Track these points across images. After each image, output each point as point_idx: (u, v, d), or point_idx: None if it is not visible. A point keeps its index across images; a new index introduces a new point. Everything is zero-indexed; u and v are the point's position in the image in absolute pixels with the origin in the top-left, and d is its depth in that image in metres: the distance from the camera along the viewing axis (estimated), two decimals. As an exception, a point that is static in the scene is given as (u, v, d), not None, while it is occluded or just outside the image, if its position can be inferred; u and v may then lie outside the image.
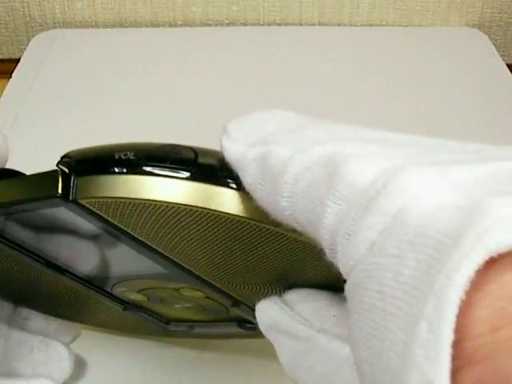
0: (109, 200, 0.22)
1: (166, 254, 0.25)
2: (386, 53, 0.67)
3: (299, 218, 0.19)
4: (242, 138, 0.22)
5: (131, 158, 0.22)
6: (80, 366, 0.37)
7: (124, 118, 0.58)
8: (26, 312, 0.35)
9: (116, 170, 0.22)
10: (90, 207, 0.23)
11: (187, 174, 0.22)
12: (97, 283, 0.31)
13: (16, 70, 0.64)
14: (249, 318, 0.30)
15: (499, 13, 0.72)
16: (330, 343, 0.22)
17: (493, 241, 0.14)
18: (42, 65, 0.65)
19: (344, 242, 0.18)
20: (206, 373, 0.38)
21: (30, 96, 0.60)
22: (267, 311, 0.25)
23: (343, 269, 0.18)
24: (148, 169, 0.22)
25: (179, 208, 0.22)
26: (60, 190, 0.23)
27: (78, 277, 0.30)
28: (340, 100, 0.60)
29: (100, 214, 0.23)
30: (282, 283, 0.26)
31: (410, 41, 0.70)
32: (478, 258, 0.14)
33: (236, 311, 0.30)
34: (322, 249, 0.19)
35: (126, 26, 0.72)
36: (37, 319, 0.36)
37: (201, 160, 0.22)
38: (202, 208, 0.22)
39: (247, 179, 0.21)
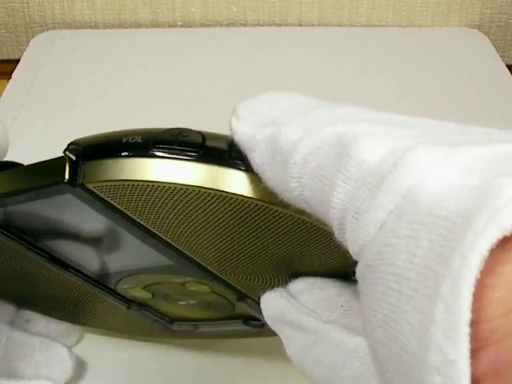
0: (116, 184, 0.22)
1: (172, 243, 0.25)
2: (385, 53, 0.67)
3: (308, 199, 0.19)
4: (251, 118, 0.22)
5: (139, 141, 0.22)
6: (81, 366, 0.37)
7: (124, 118, 0.58)
8: (28, 314, 0.36)
9: (123, 153, 0.22)
10: (97, 192, 0.23)
11: (195, 156, 0.22)
12: (101, 280, 0.31)
13: (16, 71, 0.64)
14: (254, 313, 0.30)
15: (499, 13, 0.72)
16: (338, 335, 0.22)
17: (506, 220, 0.14)
18: (42, 65, 0.65)
19: (353, 222, 0.18)
20: (207, 373, 0.38)
21: (29, 97, 0.60)
22: (272, 303, 0.25)
23: (352, 249, 0.18)
24: (155, 151, 0.22)
25: (187, 190, 0.22)
26: (67, 176, 0.23)
27: (82, 273, 0.30)
28: (340, 100, 0.60)
29: (107, 199, 0.23)
30: (289, 272, 0.26)
31: (410, 41, 0.70)
32: (491, 237, 0.14)
33: (241, 306, 0.30)
34: (330, 230, 0.19)
35: (126, 27, 0.72)
36: (39, 321, 0.36)
37: (208, 142, 0.22)
38: (209, 189, 0.22)
39: (256, 160, 0.21)
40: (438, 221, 0.15)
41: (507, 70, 0.65)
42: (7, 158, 0.27)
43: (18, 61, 0.66)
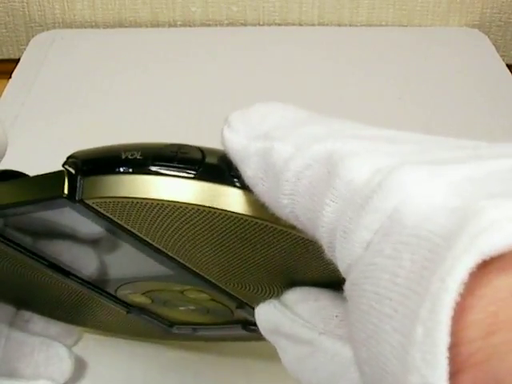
0: (115, 200, 0.22)
1: (171, 254, 0.25)
2: (385, 53, 0.67)
3: (300, 216, 0.20)
4: (243, 129, 0.22)
5: (138, 157, 0.22)
6: (80, 366, 0.37)
7: (123, 117, 0.58)
8: (27, 315, 0.36)
9: (122, 169, 0.22)
10: (96, 207, 0.23)
11: (194, 174, 0.22)
12: (101, 286, 0.31)
13: (16, 71, 0.64)
14: (254, 319, 0.31)
15: (499, 13, 0.72)
16: (334, 345, 0.22)
17: (485, 243, 0.14)
18: (42, 65, 0.65)
19: (341, 241, 0.18)
20: (207, 373, 0.38)
21: (29, 96, 0.60)
22: (266, 315, 0.25)
23: (341, 267, 0.18)
24: (155, 168, 0.22)
25: (186, 208, 0.22)
26: (66, 191, 0.23)
27: (82, 279, 0.30)
28: (340, 100, 0.60)
29: (106, 214, 0.23)
30: (287, 283, 0.26)
31: (410, 41, 0.70)
32: (470, 261, 0.14)
33: (241, 313, 0.30)
34: (321, 247, 0.19)
35: (126, 27, 0.72)
36: (38, 322, 0.36)
37: (208, 160, 0.22)
38: (208, 207, 0.22)
39: (248, 172, 0.21)
40: (420, 242, 0.15)
41: (507, 70, 0.65)
42: (7, 158, 0.27)
43: (18, 60, 0.66)
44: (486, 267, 0.14)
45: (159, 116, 0.58)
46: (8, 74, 0.64)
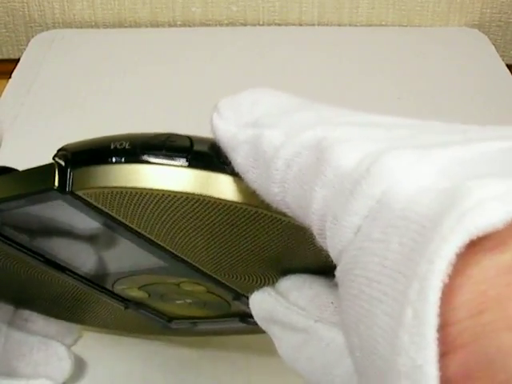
0: (105, 190, 0.22)
1: (164, 245, 0.25)
2: (385, 53, 0.67)
3: (290, 203, 0.20)
4: (232, 116, 0.22)
5: (127, 147, 0.22)
6: (80, 365, 0.37)
7: (123, 117, 0.58)
8: (26, 313, 0.35)
9: (112, 159, 0.22)
10: (87, 198, 0.23)
11: (183, 161, 0.22)
12: (98, 281, 0.31)
13: (15, 71, 0.64)
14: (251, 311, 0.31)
15: (499, 13, 0.72)
16: (329, 333, 0.22)
17: (472, 223, 0.14)
18: (42, 65, 0.65)
19: (332, 227, 0.18)
20: (207, 372, 0.38)
21: (29, 96, 0.60)
22: (261, 303, 0.25)
23: (332, 254, 0.18)
24: (144, 157, 0.22)
25: (176, 196, 0.22)
26: (57, 183, 0.23)
27: (79, 275, 0.30)
28: (340, 100, 0.60)
29: (97, 205, 0.23)
30: (281, 271, 0.26)
31: (410, 41, 0.70)
32: (457, 242, 0.14)
33: (238, 305, 0.30)
34: (313, 234, 0.19)
35: (126, 27, 0.72)
36: (37, 321, 0.36)
37: (196, 147, 0.22)
38: (198, 195, 0.22)
39: (238, 160, 0.21)
40: (408, 224, 0.15)
41: (507, 70, 0.65)
42: (6, 158, 0.27)
43: (17, 60, 0.66)
44: (474, 247, 0.14)
45: (159, 116, 0.58)
46: (8, 74, 0.64)
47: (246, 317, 0.32)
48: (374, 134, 0.19)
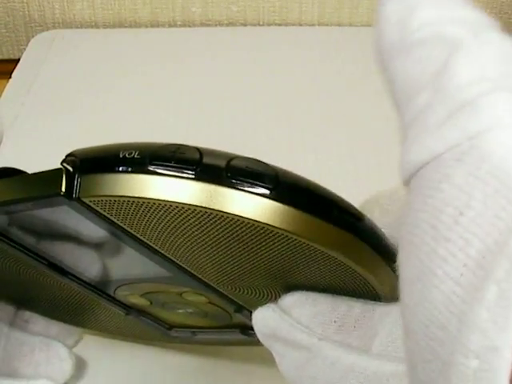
0: (112, 199, 0.22)
1: (169, 256, 0.25)
2: (385, 53, 0.67)
3: (397, 84, 0.18)
4: (432, 12, 0.17)
5: (136, 156, 0.22)
6: (80, 366, 0.37)
7: (123, 118, 0.58)
8: (27, 315, 0.35)
9: (120, 168, 0.22)
10: (94, 206, 0.23)
11: (191, 174, 0.22)
12: (100, 286, 0.31)
13: (16, 71, 0.64)
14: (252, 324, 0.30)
15: (499, 13, 0.72)
16: (334, 351, 0.22)
17: None
18: (42, 65, 0.65)
19: (416, 136, 0.16)
20: (207, 373, 0.38)
21: (29, 96, 0.60)
22: (264, 319, 0.24)
23: (402, 164, 0.16)
24: (152, 168, 0.22)
25: (183, 208, 0.22)
26: (63, 188, 0.23)
27: (81, 280, 0.30)
28: (340, 100, 0.60)
29: (103, 213, 0.23)
30: (285, 287, 0.25)
31: (410, 41, 0.70)
32: None
33: (239, 317, 0.30)
34: (324, 252, 0.18)
35: (126, 27, 0.72)
36: (38, 322, 0.36)
37: (206, 160, 0.22)
38: (205, 208, 0.22)
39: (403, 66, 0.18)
40: (498, 186, 0.14)
41: (507, 70, 0.65)
42: (6, 158, 0.27)
43: (17, 60, 0.66)
44: None
45: (159, 116, 0.58)
46: (8, 74, 0.63)
47: (247, 329, 0.32)
48: (501, 56, 0.16)
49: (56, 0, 0.71)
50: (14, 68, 0.64)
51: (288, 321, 0.23)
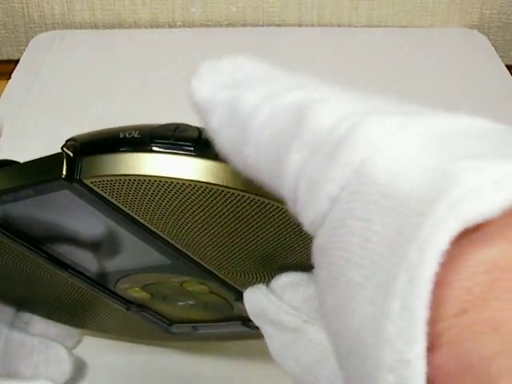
0: (113, 178, 0.22)
1: (169, 240, 0.25)
2: (385, 54, 0.67)
3: (263, 168, 0.18)
4: (212, 79, 0.21)
5: (136, 136, 0.23)
6: (80, 367, 0.37)
7: (123, 117, 0.58)
8: (26, 316, 0.35)
9: (121, 148, 0.23)
10: (95, 188, 0.23)
11: (191, 150, 0.22)
12: (100, 280, 0.31)
13: (15, 71, 0.64)
14: None
15: (498, 14, 0.72)
16: (318, 334, 0.22)
17: (468, 211, 0.13)
18: (41, 66, 0.65)
19: (306, 193, 0.17)
20: (207, 374, 0.38)
21: (29, 97, 0.60)
22: (253, 300, 0.25)
23: (305, 222, 0.17)
24: (153, 146, 0.22)
25: (184, 184, 0.22)
26: (64, 172, 0.23)
27: (82, 273, 0.30)
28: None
29: (104, 195, 0.23)
30: (282, 269, 0.26)
31: (410, 42, 0.70)
32: (451, 229, 0.13)
33: (240, 307, 0.30)
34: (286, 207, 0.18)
35: (125, 27, 0.72)
36: (37, 324, 0.36)
37: (205, 137, 0.22)
38: (205, 183, 0.22)
39: (213, 122, 0.20)
40: (392, 204, 0.14)
41: (507, 70, 0.65)
42: (6, 158, 0.27)
43: (17, 61, 0.66)
44: (463, 238, 0.13)
45: (159, 116, 0.58)
46: (7, 75, 0.64)
47: (248, 321, 0.32)
48: (358, 98, 0.17)
49: (55, 1, 0.70)
50: (14, 69, 0.64)
51: (275, 302, 0.24)
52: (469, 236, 0.13)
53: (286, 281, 0.24)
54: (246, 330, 0.33)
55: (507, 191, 0.13)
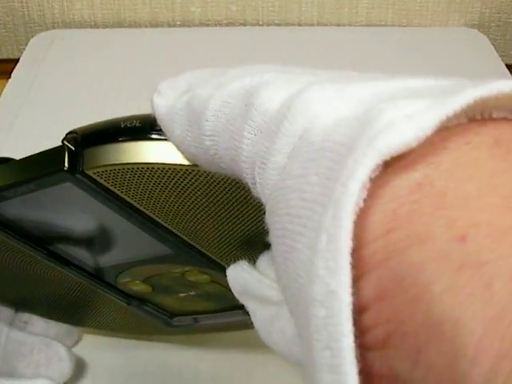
0: (115, 168, 0.23)
1: (170, 228, 0.25)
2: (385, 53, 0.67)
3: (223, 157, 0.19)
4: (171, 94, 0.22)
5: (137, 125, 0.23)
6: (80, 366, 0.37)
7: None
8: (26, 316, 0.36)
9: (122, 137, 0.23)
10: (97, 178, 0.23)
11: None
12: (101, 275, 0.31)
13: (15, 71, 0.64)
14: None
15: (498, 13, 0.72)
16: None
17: (383, 144, 0.14)
18: (41, 65, 0.65)
19: (260, 172, 0.17)
20: (207, 373, 0.38)
21: (29, 96, 0.60)
22: (236, 277, 0.25)
23: (263, 200, 0.18)
24: (153, 134, 0.22)
25: (187, 170, 0.22)
26: (66, 164, 0.23)
27: (82, 269, 0.30)
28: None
29: (107, 185, 0.23)
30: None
31: (409, 41, 0.70)
32: (370, 164, 0.14)
33: None
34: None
35: (125, 27, 0.72)
36: (37, 323, 0.36)
37: None
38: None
39: (176, 130, 0.21)
40: (325, 154, 0.15)
41: (507, 70, 0.65)
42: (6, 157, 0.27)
43: (17, 60, 0.66)
44: (387, 168, 0.14)
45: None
46: (7, 74, 0.63)
47: None
48: (302, 78, 0.18)
49: (55, 0, 0.70)
50: (14, 68, 0.64)
51: (256, 277, 0.24)
52: (393, 165, 0.14)
53: (267, 256, 0.25)
54: (247, 318, 0.33)
55: (419, 122, 0.14)
